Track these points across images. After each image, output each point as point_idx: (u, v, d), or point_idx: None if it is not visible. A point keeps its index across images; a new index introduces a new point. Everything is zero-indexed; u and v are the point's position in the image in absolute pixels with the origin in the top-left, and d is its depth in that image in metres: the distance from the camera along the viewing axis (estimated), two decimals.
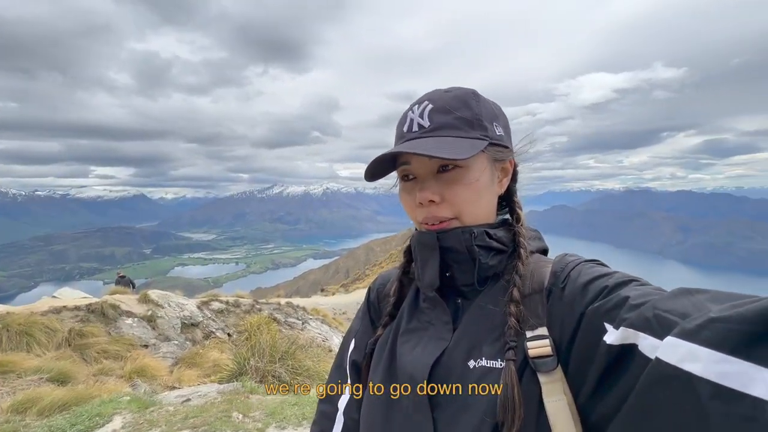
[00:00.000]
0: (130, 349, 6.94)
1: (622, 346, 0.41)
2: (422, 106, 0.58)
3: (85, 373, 5.24)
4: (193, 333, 8.66)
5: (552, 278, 0.54)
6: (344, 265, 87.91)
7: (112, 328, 7.66)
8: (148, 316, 8.33)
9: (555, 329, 0.50)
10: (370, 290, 0.75)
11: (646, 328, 0.39)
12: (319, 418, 0.72)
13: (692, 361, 0.33)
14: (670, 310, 0.38)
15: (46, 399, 3.50)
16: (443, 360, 0.54)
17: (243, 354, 4.26)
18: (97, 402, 2.78)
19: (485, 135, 0.57)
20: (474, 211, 0.57)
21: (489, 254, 0.57)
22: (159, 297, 9.21)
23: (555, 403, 0.45)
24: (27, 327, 6.21)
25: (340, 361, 0.73)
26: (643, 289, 0.45)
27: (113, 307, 8.10)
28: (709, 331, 0.33)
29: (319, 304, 15.56)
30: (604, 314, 0.44)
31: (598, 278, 0.49)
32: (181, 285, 30.24)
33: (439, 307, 0.59)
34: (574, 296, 0.49)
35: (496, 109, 0.61)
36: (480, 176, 0.56)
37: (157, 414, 2.48)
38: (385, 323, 0.66)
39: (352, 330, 0.74)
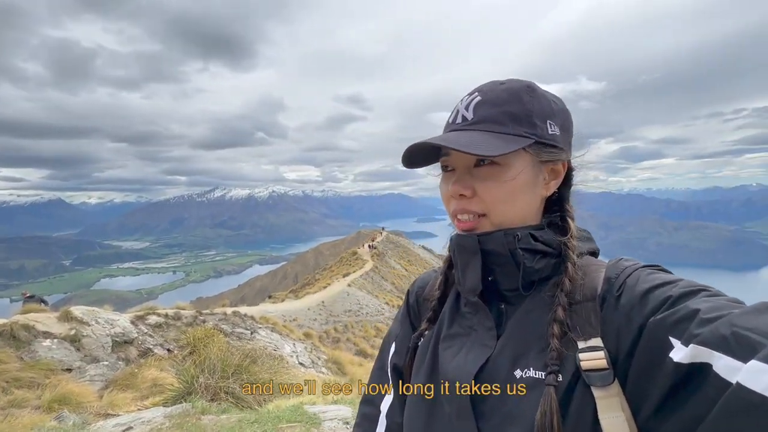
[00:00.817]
0: (49, 375, 6.10)
1: (693, 364, 0.37)
2: (471, 97, 0.56)
3: None
4: (126, 351, 7.84)
5: (606, 285, 0.50)
6: (293, 271, 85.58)
7: (25, 352, 6.69)
8: (71, 336, 7.39)
9: (610, 340, 0.46)
10: (409, 293, 0.73)
11: (722, 347, 0.35)
12: (362, 420, 0.71)
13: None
14: (752, 328, 0.34)
15: None
16: (488, 367, 0.52)
17: (190, 371, 3.90)
18: None
19: (532, 133, 0.53)
20: (505, 210, 0.54)
21: (534, 257, 0.54)
22: (84, 313, 8.21)
23: (611, 419, 0.42)
24: None
25: (381, 364, 0.72)
26: (715, 301, 0.40)
27: (26, 328, 7.08)
28: None
29: (267, 312, 14.94)
30: (670, 328, 0.40)
31: (660, 286, 0.45)
32: (110, 299, 27.13)
33: (481, 312, 0.56)
34: (632, 306, 0.45)
35: (555, 106, 0.57)
36: (518, 175, 0.53)
37: None
38: (425, 328, 0.64)
39: (392, 333, 0.72)
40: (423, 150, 0.56)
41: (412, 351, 0.63)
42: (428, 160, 0.59)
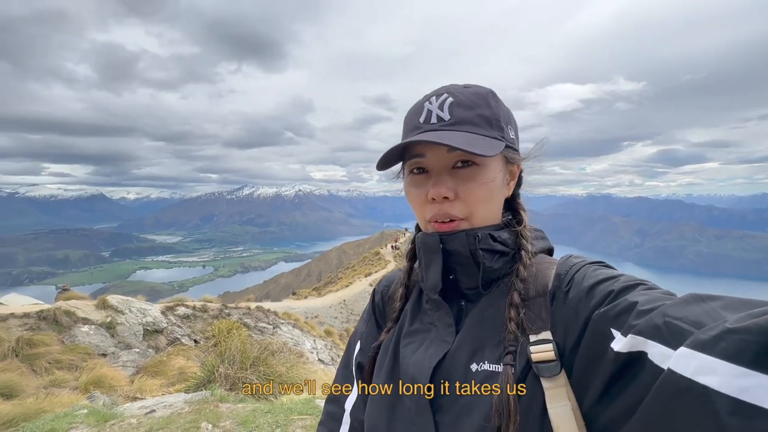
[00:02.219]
0: (86, 359, 6.51)
1: (630, 353, 0.39)
2: (441, 98, 0.56)
3: (34, 385, 4.86)
4: (156, 340, 8.24)
5: (556, 281, 0.53)
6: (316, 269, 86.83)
7: (67, 336, 7.17)
8: (106, 323, 7.86)
9: (559, 333, 0.49)
10: (375, 292, 0.74)
11: (656, 335, 0.37)
12: (326, 418, 0.72)
13: (708, 374, 0.31)
14: (681, 317, 0.37)
15: None
16: (445, 363, 0.53)
17: (211, 361, 4.09)
18: (50, 417, 2.57)
19: (502, 136, 0.56)
20: (485, 211, 0.56)
21: (493, 257, 0.56)
22: (119, 302, 8.70)
23: (558, 408, 0.45)
24: None
25: (346, 363, 0.73)
26: (651, 293, 0.43)
27: (68, 314, 7.59)
28: (725, 342, 0.31)
29: (290, 308, 15.25)
30: (611, 320, 0.43)
31: (604, 281, 0.48)
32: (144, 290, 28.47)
33: (442, 309, 0.58)
34: (578, 300, 0.48)
35: (509, 112, 0.61)
36: (495, 176, 0.56)
37: (118, 428, 2.32)
38: (389, 327, 0.65)
39: (357, 332, 0.74)
40: (394, 150, 0.55)
41: (375, 348, 0.65)
42: (395, 161, 0.58)
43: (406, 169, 0.60)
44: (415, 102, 0.60)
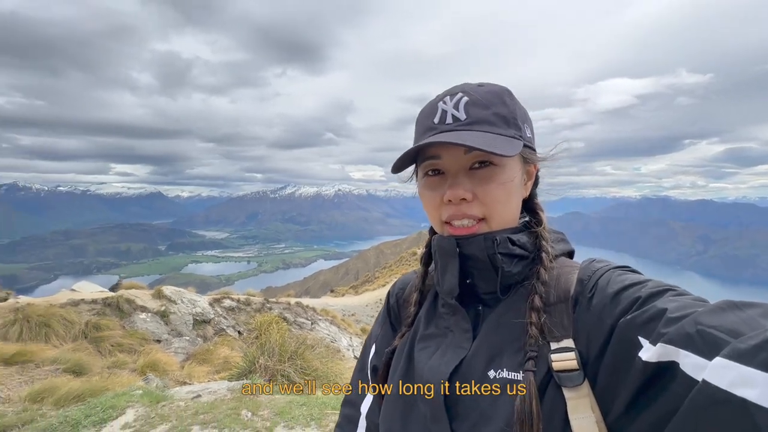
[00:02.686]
0: (143, 344, 7.08)
1: (660, 363, 0.38)
2: (456, 97, 0.54)
3: (99, 365, 5.36)
4: (204, 330, 8.78)
5: (578, 286, 0.51)
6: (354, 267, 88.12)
7: (127, 322, 7.83)
8: (161, 312, 8.49)
9: (582, 341, 0.47)
10: (390, 295, 0.73)
11: (689, 345, 0.36)
12: (343, 421, 0.71)
13: (747, 387, 0.30)
14: (716, 326, 0.35)
15: (62, 389, 3.59)
16: (462, 369, 0.52)
17: (253, 352, 4.30)
18: (111, 394, 2.84)
19: (519, 135, 0.54)
20: (503, 212, 0.54)
21: (512, 262, 0.54)
22: (172, 293, 9.37)
23: (581, 420, 0.43)
24: (46, 318, 6.40)
25: (361, 366, 0.72)
26: (681, 300, 0.41)
27: (128, 302, 8.28)
28: (766, 352, 0.30)
29: (328, 305, 15.62)
30: (639, 328, 0.41)
31: (630, 287, 0.46)
32: (194, 282, 30.47)
33: (458, 314, 0.57)
34: (603, 306, 0.46)
35: (525, 111, 0.59)
36: (513, 177, 0.54)
37: (168, 409, 2.52)
38: (404, 332, 0.64)
39: (372, 335, 0.73)
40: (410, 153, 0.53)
41: (389, 352, 0.64)
42: (408, 163, 0.57)
43: (420, 172, 0.58)
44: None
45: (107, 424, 2.38)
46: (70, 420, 2.39)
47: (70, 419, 2.40)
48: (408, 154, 0.53)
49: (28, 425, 2.35)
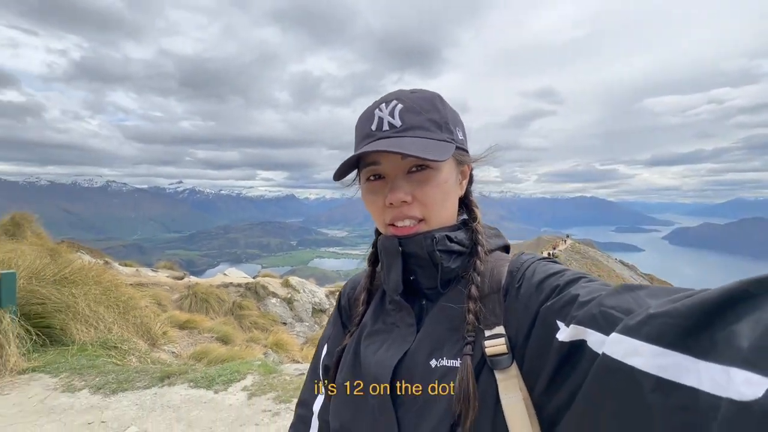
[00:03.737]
0: (272, 324, 8.32)
1: (573, 342, 0.42)
2: (391, 105, 0.57)
3: (241, 338, 6.52)
4: (320, 318, 9.82)
5: (508, 277, 0.55)
6: None
7: (261, 305, 9.30)
8: (287, 299, 9.82)
9: (511, 327, 0.50)
10: (341, 295, 0.75)
11: (593, 324, 0.40)
12: (296, 421, 0.73)
13: (635, 356, 0.34)
14: (614, 306, 0.40)
15: (213, 353, 4.52)
16: (406, 361, 0.55)
17: None
18: (239, 362, 3.46)
19: (452, 138, 0.58)
20: (441, 212, 0.58)
21: (450, 258, 0.57)
22: (297, 283, 10.74)
23: (510, 399, 0.47)
24: (206, 296, 8.06)
25: (314, 366, 0.74)
26: (591, 285, 0.46)
27: (263, 288, 9.82)
28: (648, 326, 0.34)
29: None
30: (556, 312, 0.45)
31: (551, 276, 0.50)
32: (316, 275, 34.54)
33: (404, 309, 0.60)
34: (529, 295, 0.50)
35: (456, 114, 0.63)
36: (448, 178, 0.57)
37: (276, 380, 2.97)
38: (352, 331, 0.66)
39: (324, 335, 0.74)
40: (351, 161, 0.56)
41: (339, 351, 0.65)
42: (350, 170, 0.59)
43: (362, 177, 0.60)
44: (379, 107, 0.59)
45: (232, 384, 2.94)
46: (208, 377, 3.02)
47: (208, 376, 3.03)
48: (348, 162, 0.56)
49: (183, 375, 3.07)
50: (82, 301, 3.78)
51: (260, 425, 2.46)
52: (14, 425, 2.36)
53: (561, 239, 52.30)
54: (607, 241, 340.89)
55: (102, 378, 2.97)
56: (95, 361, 3.26)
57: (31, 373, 2.99)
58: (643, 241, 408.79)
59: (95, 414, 2.53)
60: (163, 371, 3.14)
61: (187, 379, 3.00)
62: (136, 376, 3.03)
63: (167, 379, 3.00)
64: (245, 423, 2.48)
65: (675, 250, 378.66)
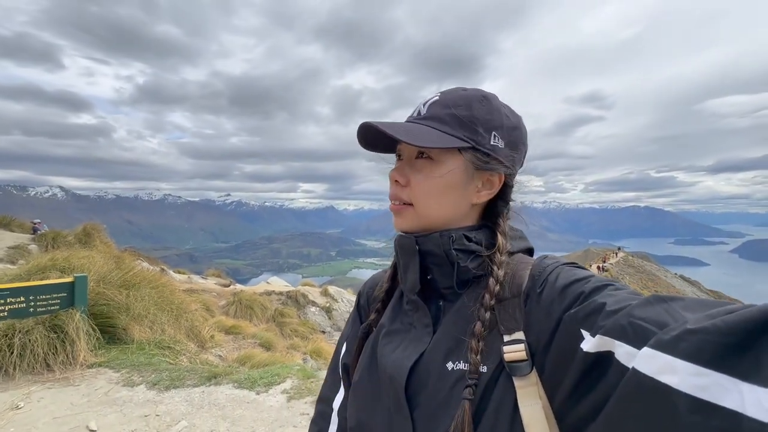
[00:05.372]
0: (312, 332, 8.51)
1: (599, 353, 0.40)
2: (431, 98, 0.59)
3: (282, 344, 6.73)
4: None
5: (530, 282, 0.52)
6: None
7: (302, 312, 9.55)
8: (326, 307, 10.02)
9: (532, 334, 0.49)
10: (360, 294, 0.75)
11: (622, 336, 0.38)
12: (317, 417, 0.74)
13: (669, 373, 0.32)
14: (645, 318, 0.38)
15: (256, 358, 4.72)
16: (422, 362, 0.54)
17: None
18: (279, 366, 3.60)
19: (470, 138, 0.55)
20: (429, 204, 0.56)
21: (468, 257, 0.56)
22: (335, 293, 10.94)
23: (529, 407, 0.45)
24: (250, 303, 8.42)
25: (334, 365, 0.74)
26: (619, 294, 0.44)
27: (303, 296, 10.09)
28: (686, 342, 0.32)
29: None
30: (581, 321, 0.43)
31: (575, 282, 0.48)
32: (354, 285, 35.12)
33: (420, 310, 0.59)
34: (551, 301, 0.48)
35: (507, 120, 0.58)
36: (446, 174, 0.55)
37: (314, 384, 3.05)
38: (373, 319, 0.66)
39: (344, 334, 0.75)
40: (381, 135, 0.55)
41: (359, 344, 0.66)
42: (388, 147, 0.61)
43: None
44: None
45: (273, 387, 3.06)
46: (251, 378, 3.17)
47: (251, 378, 3.18)
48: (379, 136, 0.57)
49: (228, 376, 3.24)
50: (141, 304, 4.12)
51: (298, 427, 2.54)
52: (82, 414, 2.62)
53: (612, 251, 49.03)
54: (665, 254, 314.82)
55: (157, 375, 3.21)
56: (151, 359, 3.53)
57: (98, 368, 3.30)
58: (708, 254, 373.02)
59: (150, 408, 2.74)
60: (211, 371, 3.33)
61: (232, 380, 3.16)
62: (187, 375, 3.24)
63: (214, 379, 3.18)
64: (284, 424, 2.57)
65: (746, 264, 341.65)
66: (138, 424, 2.53)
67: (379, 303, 0.68)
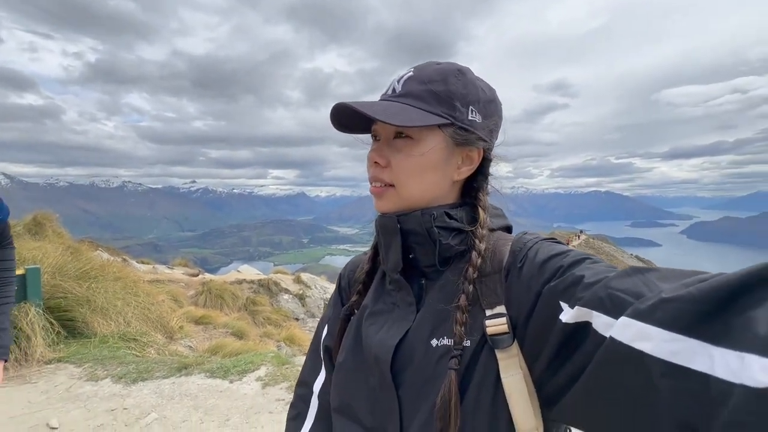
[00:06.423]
0: (285, 320, 8.45)
1: (577, 324, 0.41)
2: (406, 73, 0.57)
3: (254, 333, 6.64)
4: None
5: (511, 257, 0.54)
6: None
7: (274, 300, 9.44)
8: (299, 295, 9.95)
9: (513, 307, 0.50)
10: (341, 277, 0.75)
11: (600, 306, 0.39)
12: (296, 401, 0.74)
13: (644, 340, 0.34)
14: (622, 289, 0.39)
15: (228, 347, 4.64)
16: (407, 340, 0.55)
17: None
18: (252, 354, 3.56)
19: (449, 114, 0.54)
20: (412, 184, 0.55)
21: (450, 235, 0.56)
22: (308, 280, 10.86)
23: (511, 377, 0.47)
24: (221, 292, 8.22)
25: (314, 347, 0.74)
26: (596, 267, 0.45)
27: (276, 284, 9.96)
28: (660, 311, 0.34)
29: None
30: (560, 293, 0.45)
31: (555, 257, 0.49)
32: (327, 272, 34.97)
33: (403, 289, 0.59)
34: (531, 275, 0.49)
35: (483, 94, 0.57)
36: (427, 152, 0.54)
37: (288, 371, 3.06)
38: (354, 301, 0.66)
39: (325, 317, 0.74)
40: (356, 116, 0.54)
41: (341, 326, 0.65)
42: (363, 128, 0.60)
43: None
44: None
45: (247, 375, 3.04)
46: (224, 367, 3.13)
47: (224, 367, 3.14)
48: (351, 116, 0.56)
49: (199, 366, 3.18)
50: (102, 296, 3.93)
51: (274, 413, 2.54)
52: (43, 411, 2.49)
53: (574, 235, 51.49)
54: (622, 236, 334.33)
55: (123, 368, 3.09)
56: (116, 353, 3.39)
57: (57, 363, 3.13)
58: (660, 236, 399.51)
59: (117, 401, 2.64)
60: (181, 362, 3.25)
61: (204, 370, 3.10)
62: (155, 367, 3.14)
63: (184, 370, 3.11)
64: (260, 411, 2.56)
65: (694, 244, 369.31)
66: (104, 418, 2.44)
67: (360, 285, 0.67)
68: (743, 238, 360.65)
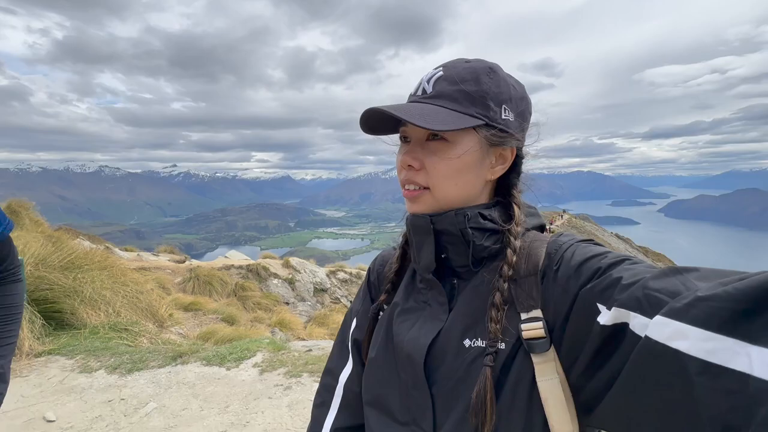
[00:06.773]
0: (275, 304, 8.47)
1: (615, 325, 0.41)
2: (435, 71, 0.56)
3: (245, 318, 6.65)
4: (322, 297, 9.99)
5: (546, 259, 0.53)
6: None
7: (264, 285, 9.42)
8: (289, 279, 9.95)
9: (549, 310, 0.49)
10: (371, 271, 0.76)
11: (637, 307, 0.39)
12: (322, 389, 0.75)
13: (680, 339, 0.34)
14: (659, 289, 0.38)
15: (219, 333, 4.64)
16: (440, 340, 0.55)
17: None
18: (248, 340, 3.58)
19: (483, 114, 0.53)
20: (448, 186, 0.55)
21: (483, 235, 0.56)
22: (297, 264, 10.85)
23: (547, 382, 0.47)
24: (209, 278, 8.15)
25: (342, 338, 0.75)
26: (635, 268, 0.44)
27: (265, 269, 9.92)
28: (696, 309, 0.33)
29: None
30: (597, 295, 0.44)
31: (591, 258, 0.49)
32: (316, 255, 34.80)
33: (435, 288, 0.59)
34: (567, 278, 0.49)
35: (514, 91, 0.57)
36: (464, 154, 0.54)
37: (285, 356, 3.09)
38: (383, 299, 0.66)
39: (353, 310, 0.75)
40: (384, 118, 0.54)
41: (371, 322, 0.66)
42: (390, 129, 0.59)
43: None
44: None
45: (243, 361, 3.06)
46: (220, 354, 3.14)
47: (220, 354, 3.15)
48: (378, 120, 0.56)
49: (194, 354, 3.18)
50: (90, 286, 3.85)
51: (273, 398, 2.57)
52: (38, 404, 2.47)
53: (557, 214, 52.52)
54: (603, 215, 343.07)
55: (117, 359, 3.07)
56: (108, 343, 3.36)
57: (47, 356, 3.09)
58: (639, 214, 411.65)
59: (114, 392, 2.64)
60: (175, 351, 3.24)
61: (200, 358, 3.11)
62: (150, 356, 3.13)
63: (180, 358, 3.11)
64: (259, 397, 2.60)
65: (670, 222, 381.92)
66: (102, 410, 2.44)
67: (389, 284, 0.67)
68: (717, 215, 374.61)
